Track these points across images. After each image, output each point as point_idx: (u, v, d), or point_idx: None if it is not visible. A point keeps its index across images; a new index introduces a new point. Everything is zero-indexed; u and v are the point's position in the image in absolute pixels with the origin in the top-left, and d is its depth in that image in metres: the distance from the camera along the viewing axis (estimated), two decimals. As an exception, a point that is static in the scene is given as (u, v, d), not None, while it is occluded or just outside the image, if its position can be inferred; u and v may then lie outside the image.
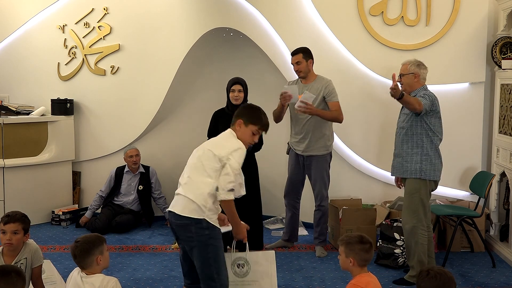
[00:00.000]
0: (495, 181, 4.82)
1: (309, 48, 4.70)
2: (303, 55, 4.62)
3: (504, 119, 4.83)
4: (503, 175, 4.82)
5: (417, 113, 3.92)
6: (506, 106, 4.77)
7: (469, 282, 4.16)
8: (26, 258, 3.03)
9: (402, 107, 4.14)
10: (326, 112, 4.60)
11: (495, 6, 5.11)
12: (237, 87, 4.53)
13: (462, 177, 5.22)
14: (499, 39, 5.03)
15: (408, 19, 5.20)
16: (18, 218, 3.01)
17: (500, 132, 4.90)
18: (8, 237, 2.97)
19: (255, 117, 3.08)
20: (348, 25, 5.25)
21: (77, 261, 2.75)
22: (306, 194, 5.03)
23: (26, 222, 3.05)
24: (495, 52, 5.02)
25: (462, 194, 5.26)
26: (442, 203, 5.05)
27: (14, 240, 2.98)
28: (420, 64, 4.06)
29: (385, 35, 5.23)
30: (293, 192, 4.84)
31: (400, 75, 4.06)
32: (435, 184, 4.07)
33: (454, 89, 5.23)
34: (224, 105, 4.67)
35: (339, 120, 4.68)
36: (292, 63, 4.70)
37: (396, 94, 3.75)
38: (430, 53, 5.19)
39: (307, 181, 4.88)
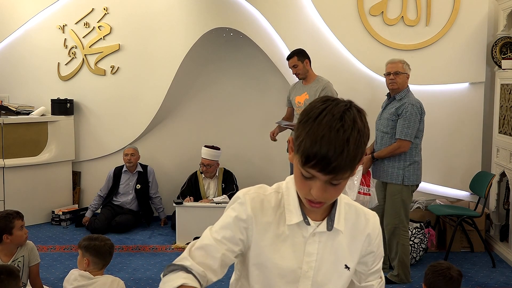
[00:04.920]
0: (495, 181, 4.82)
1: (304, 49, 4.69)
2: (297, 57, 4.63)
3: (504, 119, 4.82)
4: (503, 175, 4.82)
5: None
6: (506, 106, 4.77)
7: (469, 282, 4.16)
8: (23, 256, 3.05)
9: (383, 109, 4.16)
10: None
11: (495, 6, 5.11)
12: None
13: (462, 177, 5.21)
14: (499, 39, 5.02)
15: (408, 19, 5.20)
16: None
17: (500, 132, 4.90)
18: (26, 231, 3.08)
19: (296, 137, 1.31)
20: (348, 25, 5.25)
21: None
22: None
23: None
24: (495, 52, 5.02)
25: (462, 194, 5.26)
26: (442, 203, 5.05)
27: None
28: (408, 65, 4.11)
29: (385, 35, 5.23)
30: None
31: (395, 72, 4.01)
32: (416, 186, 4.14)
33: (454, 89, 5.24)
34: (223, 104, 4.65)
35: None
36: (289, 67, 4.72)
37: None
38: (430, 53, 5.19)
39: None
